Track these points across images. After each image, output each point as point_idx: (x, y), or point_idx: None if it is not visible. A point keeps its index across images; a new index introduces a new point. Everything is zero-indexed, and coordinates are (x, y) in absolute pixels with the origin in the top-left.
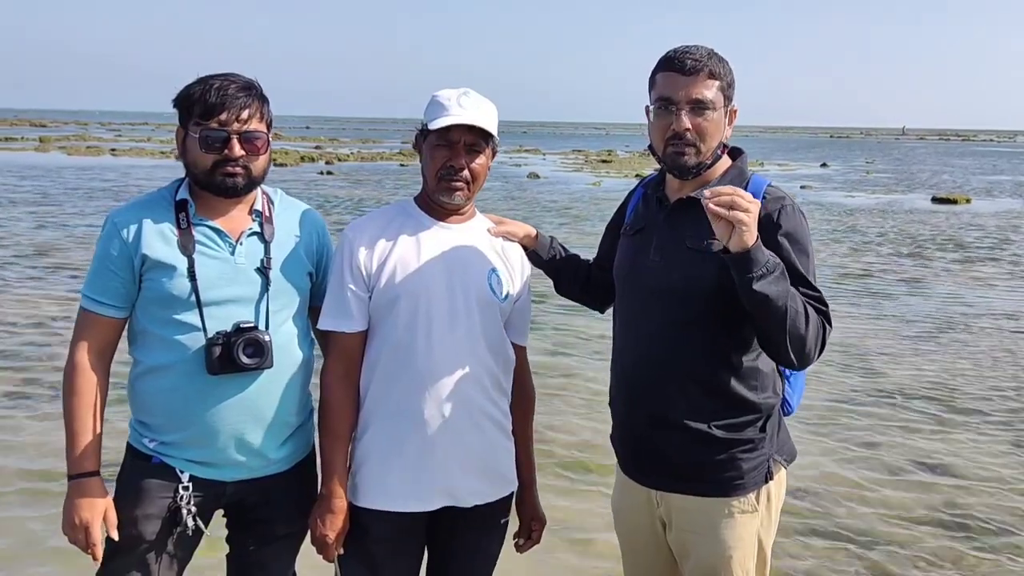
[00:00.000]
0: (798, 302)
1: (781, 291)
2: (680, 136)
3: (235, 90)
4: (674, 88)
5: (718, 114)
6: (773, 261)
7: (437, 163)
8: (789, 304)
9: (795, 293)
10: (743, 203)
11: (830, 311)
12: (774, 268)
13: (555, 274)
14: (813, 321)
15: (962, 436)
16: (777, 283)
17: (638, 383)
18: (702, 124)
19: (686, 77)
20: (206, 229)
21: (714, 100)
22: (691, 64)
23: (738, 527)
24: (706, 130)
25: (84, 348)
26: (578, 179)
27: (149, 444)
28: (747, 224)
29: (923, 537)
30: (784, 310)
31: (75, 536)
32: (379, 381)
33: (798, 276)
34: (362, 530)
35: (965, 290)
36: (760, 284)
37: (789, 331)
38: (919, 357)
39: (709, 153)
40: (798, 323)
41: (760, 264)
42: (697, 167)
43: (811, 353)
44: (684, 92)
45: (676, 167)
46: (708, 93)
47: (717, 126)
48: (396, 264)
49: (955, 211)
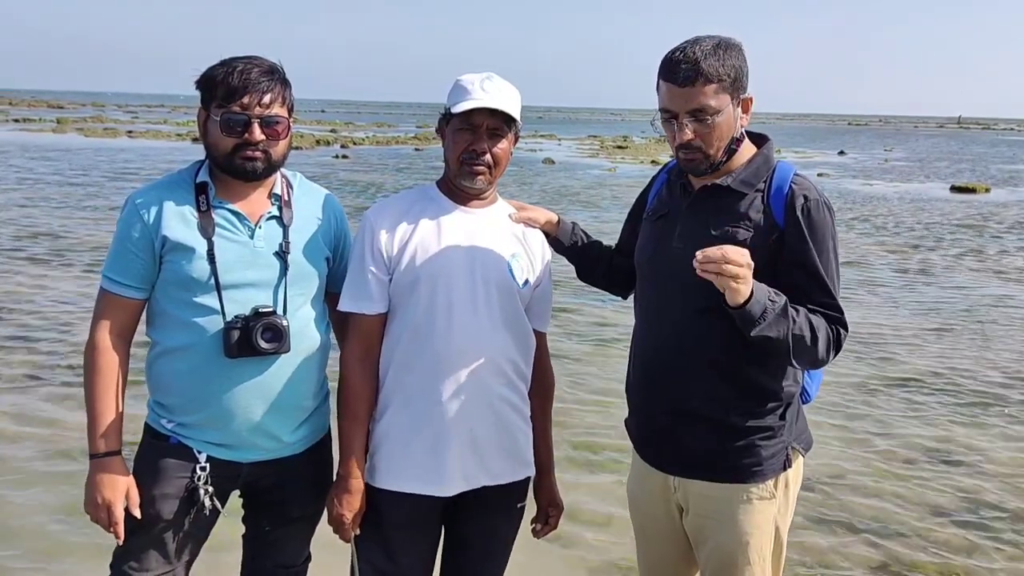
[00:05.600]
0: (804, 327)
1: (783, 330)
2: (686, 145)
3: (258, 74)
4: (672, 100)
5: (723, 116)
6: (771, 307)
7: (459, 147)
8: (792, 334)
9: (803, 319)
10: (731, 269)
11: (845, 315)
12: (772, 313)
13: (577, 260)
14: (823, 337)
15: (977, 426)
16: (777, 324)
17: (658, 370)
18: (705, 131)
19: (681, 88)
20: (226, 212)
21: (715, 105)
22: (684, 73)
23: (756, 514)
24: (711, 135)
25: (105, 328)
26: (594, 165)
27: (167, 425)
28: (736, 286)
29: (937, 527)
30: (787, 341)
31: (97, 515)
32: (398, 364)
33: (818, 282)
34: (379, 512)
35: (982, 280)
36: (758, 332)
37: (795, 355)
38: (936, 346)
39: (720, 152)
40: (804, 344)
41: (756, 317)
42: (711, 167)
43: (823, 361)
44: (682, 103)
45: (690, 171)
46: (707, 100)
47: (723, 127)
48: (417, 247)
49: (974, 200)
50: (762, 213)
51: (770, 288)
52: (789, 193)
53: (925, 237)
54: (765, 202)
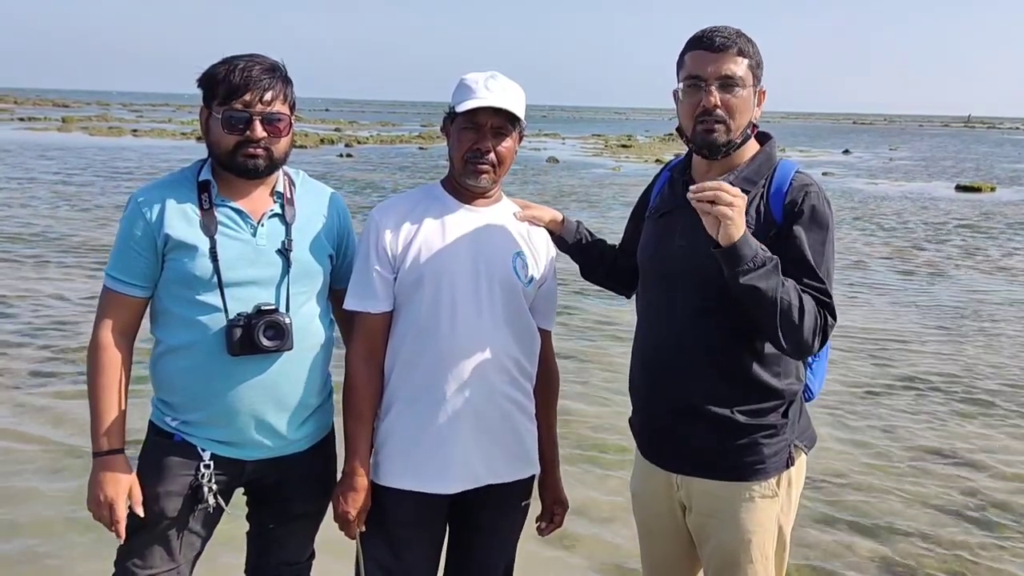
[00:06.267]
0: (792, 295)
1: (771, 285)
2: (709, 112)
3: (259, 72)
4: (703, 65)
5: (747, 92)
6: (763, 255)
7: (463, 146)
8: (781, 296)
9: (791, 286)
10: (726, 197)
11: (834, 304)
12: (763, 262)
13: (581, 259)
14: (809, 313)
15: (982, 426)
16: (767, 277)
17: (661, 368)
18: (731, 101)
19: (715, 54)
20: (228, 210)
21: (743, 77)
22: (720, 41)
23: (758, 512)
24: (735, 107)
25: (108, 327)
26: (598, 164)
27: (171, 422)
28: (731, 218)
29: (941, 526)
30: (775, 302)
31: (100, 513)
32: (403, 362)
33: (807, 266)
34: (383, 509)
35: (987, 279)
36: (747, 278)
37: (781, 322)
38: (940, 346)
39: (739, 131)
40: (791, 315)
41: (747, 259)
42: (727, 145)
43: (807, 343)
44: (713, 68)
45: (706, 145)
46: (737, 70)
47: (746, 103)
48: (421, 246)
49: (979, 199)
50: (761, 210)
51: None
52: (788, 189)
53: (930, 237)
54: (765, 200)
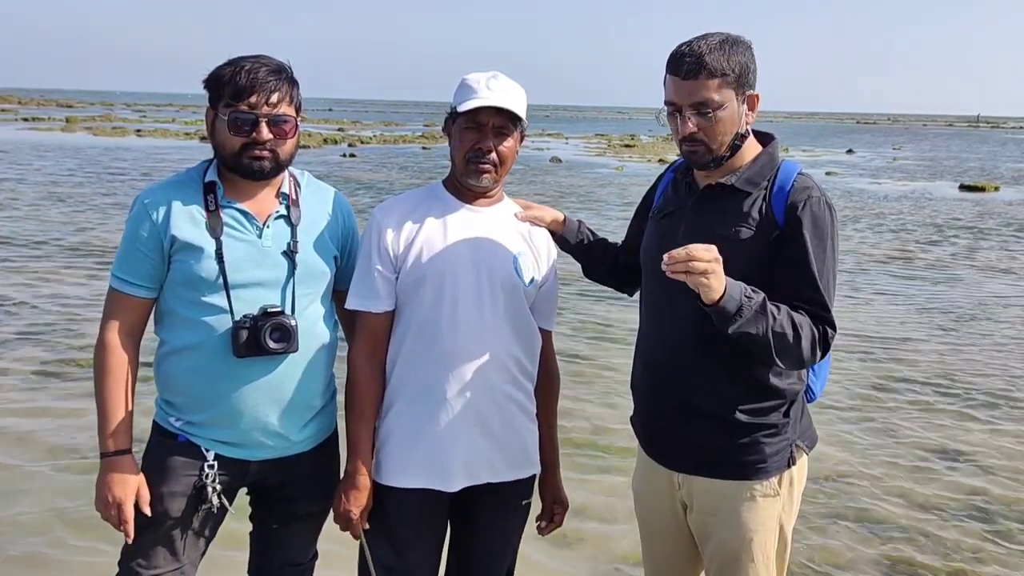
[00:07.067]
0: (786, 325)
1: (762, 327)
2: (689, 138)
3: (265, 73)
4: (675, 93)
5: (726, 110)
6: (747, 305)
7: (465, 145)
8: (773, 330)
9: (784, 313)
10: (699, 266)
11: (832, 314)
12: (749, 310)
13: (583, 258)
14: (806, 335)
15: (984, 425)
16: (756, 321)
17: (663, 368)
18: (707, 125)
19: (685, 81)
20: (234, 211)
21: (718, 99)
22: (688, 66)
23: (760, 511)
24: (713, 129)
25: (114, 328)
26: (601, 163)
27: (175, 423)
28: (707, 284)
29: (943, 526)
30: (767, 339)
31: (108, 513)
32: (404, 361)
33: (807, 277)
34: (385, 509)
35: (991, 279)
36: (736, 328)
37: (777, 351)
38: (943, 346)
39: (724, 146)
40: (786, 341)
41: (732, 313)
42: (714, 161)
43: (807, 361)
44: (685, 96)
45: (694, 164)
46: (710, 94)
47: (726, 122)
48: (423, 245)
49: (983, 199)
50: (764, 211)
51: (746, 285)
52: (791, 191)
53: (933, 236)
54: (767, 200)
